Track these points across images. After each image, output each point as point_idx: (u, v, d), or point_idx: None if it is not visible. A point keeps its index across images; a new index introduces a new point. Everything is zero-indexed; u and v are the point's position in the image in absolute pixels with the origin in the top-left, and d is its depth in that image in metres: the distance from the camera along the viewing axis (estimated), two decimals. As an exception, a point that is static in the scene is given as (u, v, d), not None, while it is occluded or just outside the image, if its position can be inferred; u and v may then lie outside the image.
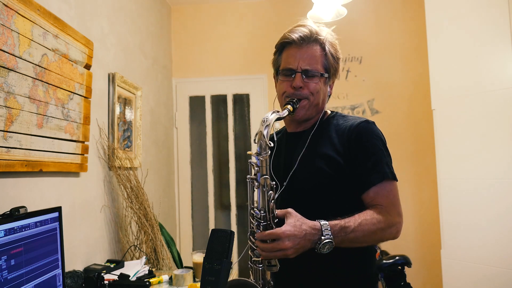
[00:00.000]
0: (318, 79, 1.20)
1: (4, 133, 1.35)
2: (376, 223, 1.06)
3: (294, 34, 1.21)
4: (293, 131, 1.30)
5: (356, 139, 1.16)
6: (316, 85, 1.19)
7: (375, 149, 1.15)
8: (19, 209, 1.24)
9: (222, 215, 3.59)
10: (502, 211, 2.09)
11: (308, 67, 1.19)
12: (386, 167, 1.14)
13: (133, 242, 2.27)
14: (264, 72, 3.48)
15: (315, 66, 1.19)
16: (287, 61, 1.22)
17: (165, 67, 3.38)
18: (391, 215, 1.10)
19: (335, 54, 1.23)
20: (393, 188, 1.15)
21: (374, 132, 1.19)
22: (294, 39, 1.21)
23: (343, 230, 1.02)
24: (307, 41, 1.20)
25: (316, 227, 1.01)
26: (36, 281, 1.28)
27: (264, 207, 1.03)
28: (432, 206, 3.03)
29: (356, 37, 3.37)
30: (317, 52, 1.20)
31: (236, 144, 3.56)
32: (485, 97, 2.17)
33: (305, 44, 1.20)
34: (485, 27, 2.19)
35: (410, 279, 1.31)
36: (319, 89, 1.20)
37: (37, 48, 1.53)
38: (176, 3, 3.55)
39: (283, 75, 1.23)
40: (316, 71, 1.19)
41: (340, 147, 1.17)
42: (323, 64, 1.21)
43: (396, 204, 1.13)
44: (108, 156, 2.18)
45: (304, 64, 1.19)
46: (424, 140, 3.20)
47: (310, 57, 1.19)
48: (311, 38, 1.20)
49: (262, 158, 1.05)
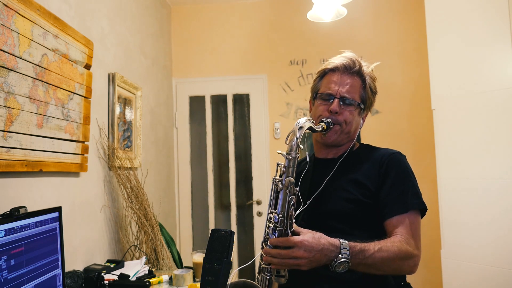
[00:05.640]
0: (354, 108, 1.23)
1: (4, 133, 1.35)
2: (396, 251, 1.04)
3: (339, 61, 1.25)
4: (322, 157, 1.31)
5: (388, 166, 1.18)
6: (351, 113, 1.23)
7: (405, 179, 1.17)
8: (19, 209, 1.24)
9: (222, 215, 3.59)
10: (502, 211, 2.09)
11: (346, 95, 1.22)
12: (414, 197, 1.15)
13: (133, 242, 2.27)
14: (264, 72, 3.48)
15: (353, 95, 1.23)
16: (327, 86, 1.25)
17: (165, 67, 3.38)
18: (410, 246, 1.08)
19: (374, 88, 1.29)
20: (416, 221, 1.14)
21: (406, 163, 1.22)
22: (339, 66, 1.25)
23: (362, 253, 1.00)
24: (350, 70, 1.24)
25: (335, 244, 0.99)
26: (36, 281, 1.28)
27: (283, 212, 1.01)
28: (432, 206, 3.01)
29: (356, 37, 3.37)
30: (357, 82, 1.25)
31: (236, 144, 3.56)
32: (485, 97, 2.17)
33: (348, 73, 1.24)
34: (485, 27, 2.19)
35: (410, 279, 1.31)
36: (353, 118, 1.24)
37: (37, 48, 1.53)
38: (176, 3, 3.55)
39: (321, 99, 1.26)
40: (354, 100, 1.23)
41: (370, 173, 1.19)
42: (361, 95, 1.25)
43: (416, 237, 1.13)
44: (108, 156, 2.18)
45: (344, 91, 1.22)
46: (424, 140, 3.20)
47: (350, 86, 1.23)
48: (354, 68, 1.24)
49: (290, 157, 1.03)
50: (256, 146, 3.50)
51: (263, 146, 3.48)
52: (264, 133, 3.48)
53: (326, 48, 3.42)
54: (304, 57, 3.45)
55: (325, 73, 1.28)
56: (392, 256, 1.04)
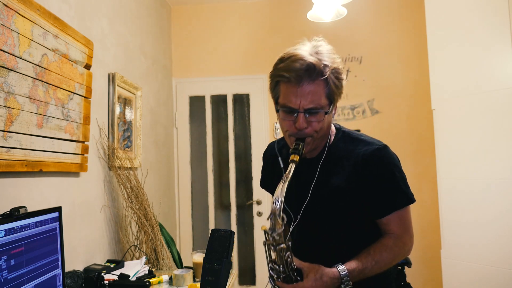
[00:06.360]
0: (322, 114, 1.09)
1: (4, 133, 1.35)
2: (391, 258, 1.12)
3: (290, 72, 1.05)
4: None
5: (370, 167, 1.12)
6: (320, 121, 1.09)
7: (390, 178, 1.14)
8: (19, 209, 1.24)
9: (222, 215, 3.59)
10: (502, 211, 2.09)
11: (311, 106, 1.06)
12: (400, 195, 1.15)
13: (133, 242, 2.27)
14: (264, 72, 3.48)
15: (318, 102, 1.07)
16: (286, 98, 1.09)
17: (165, 67, 3.38)
18: (404, 242, 1.14)
19: (338, 80, 1.09)
20: (406, 214, 1.16)
21: (387, 159, 1.14)
22: (291, 78, 1.06)
23: (361, 273, 1.06)
24: (307, 78, 1.05)
25: (335, 276, 1.04)
26: (36, 281, 1.28)
27: (282, 263, 1.03)
28: (432, 206, 3.02)
29: (356, 37, 3.37)
30: (320, 86, 1.06)
31: (236, 144, 3.56)
32: (485, 97, 2.17)
33: (305, 81, 1.05)
34: (485, 27, 2.19)
35: (410, 279, 1.31)
36: (323, 123, 1.11)
37: (37, 48, 1.53)
38: (176, 3, 3.55)
39: (283, 112, 1.11)
40: (320, 107, 1.07)
41: (352, 177, 1.13)
42: (327, 95, 1.08)
43: (409, 228, 1.16)
44: (108, 156, 2.18)
45: (306, 102, 1.06)
46: (424, 140, 3.20)
47: (312, 94, 1.06)
48: (311, 74, 1.05)
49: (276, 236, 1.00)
50: (256, 146, 3.50)
51: (263, 146, 3.45)
52: (264, 133, 3.48)
53: (326, 48, 3.41)
54: (304, 57, 3.45)
55: (279, 81, 1.11)
56: (389, 261, 1.12)
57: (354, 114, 3.36)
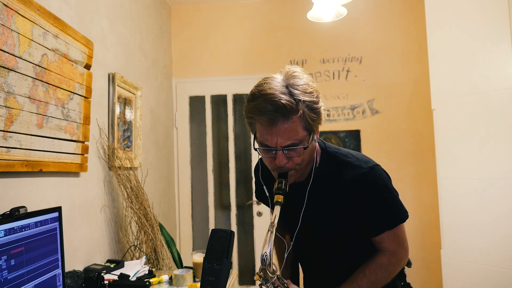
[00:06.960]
0: (302, 148, 1.04)
1: (4, 133, 1.35)
2: (387, 275, 1.14)
3: (262, 115, 1.01)
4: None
5: (358, 195, 1.10)
6: (300, 155, 1.06)
7: (379, 201, 1.12)
8: (19, 209, 1.24)
9: (222, 215, 3.59)
10: (502, 211, 2.09)
11: (288, 142, 1.02)
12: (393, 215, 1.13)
13: (133, 242, 2.27)
14: (264, 72, 3.47)
15: (296, 137, 1.02)
16: (263, 136, 1.05)
17: (165, 67, 3.38)
18: (399, 258, 1.16)
19: (314, 111, 1.04)
20: (400, 231, 1.16)
21: (375, 182, 1.11)
22: (263, 123, 1.02)
23: None
24: (281, 118, 1.00)
25: None
26: (36, 281, 1.28)
27: None
28: (432, 206, 3.03)
29: (356, 37, 3.38)
30: (296, 122, 1.01)
31: (236, 144, 3.56)
32: (485, 97, 2.17)
33: (279, 121, 1.00)
34: (485, 27, 2.19)
35: (410, 279, 1.31)
36: (305, 154, 1.07)
37: (37, 48, 1.53)
38: (176, 3, 3.55)
39: (262, 149, 1.07)
40: (299, 142, 1.03)
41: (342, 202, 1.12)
42: (304, 128, 1.03)
43: (403, 243, 1.17)
44: (108, 156, 2.18)
45: (283, 140, 1.02)
46: (424, 140, 3.20)
47: (288, 132, 1.01)
48: (284, 114, 1.00)
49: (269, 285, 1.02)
50: (256, 146, 3.49)
51: (263, 146, 3.48)
52: (264, 133, 3.47)
53: (326, 48, 3.42)
54: (304, 57, 3.45)
55: (254, 121, 1.07)
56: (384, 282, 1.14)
57: (354, 114, 3.36)
